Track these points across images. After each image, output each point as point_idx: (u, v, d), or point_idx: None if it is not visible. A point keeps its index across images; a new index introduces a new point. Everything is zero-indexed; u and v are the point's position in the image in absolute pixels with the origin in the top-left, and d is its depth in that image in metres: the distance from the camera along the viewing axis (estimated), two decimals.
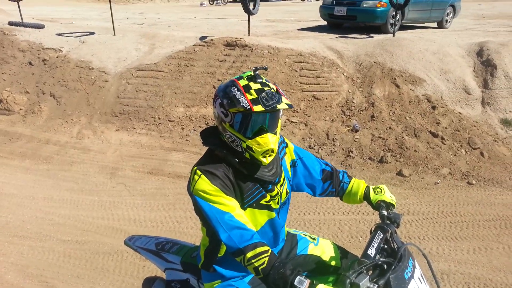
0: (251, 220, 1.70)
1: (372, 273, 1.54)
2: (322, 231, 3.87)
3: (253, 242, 1.53)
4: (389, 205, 1.90)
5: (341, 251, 2.02)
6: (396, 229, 1.76)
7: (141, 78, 7.15)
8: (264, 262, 1.51)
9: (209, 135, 1.73)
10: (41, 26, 9.20)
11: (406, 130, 5.53)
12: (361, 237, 3.81)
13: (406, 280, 1.53)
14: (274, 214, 1.77)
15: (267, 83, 1.60)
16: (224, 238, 1.56)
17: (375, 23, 9.15)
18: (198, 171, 1.62)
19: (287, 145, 1.90)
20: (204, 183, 1.59)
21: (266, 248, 1.53)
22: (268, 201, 1.74)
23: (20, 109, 7.09)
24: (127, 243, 2.44)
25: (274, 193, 1.74)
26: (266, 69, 1.68)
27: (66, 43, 8.33)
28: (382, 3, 8.77)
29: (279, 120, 1.66)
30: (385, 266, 1.55)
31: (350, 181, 2.00)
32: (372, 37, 8.36)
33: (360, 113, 5.97)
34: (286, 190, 1.81)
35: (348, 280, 1.40)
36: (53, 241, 4.05)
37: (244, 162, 1.65)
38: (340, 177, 2.00)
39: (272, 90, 1.57)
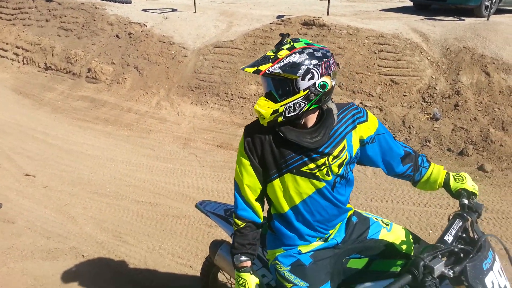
0: (294, 186, 1.72)
1: (448, 259, 1.47)
2: (389, 220, 3.71)
3: (237, 213, 1.81)
4: (471, 194, 1.77)
5: (414, 237, 1.94)
6: (477, 219, 1.64)
7: (218, 54, 7.30)
8: (234, 229, 1.83)
9: None
10: (128, 2, 9.74)
11: (493, 122, 5.07)
12: (431, 230, 3.60)
13: (484, 271, 1.44)
14: (323, 184, 1.71)
15: (282, 50, 1.59)
16: (235, 194, 1.83)
17: (467, 5, 8.37)
18: (244, 131, 1.79)
19: (366, 119, 1.77)
20: (241, 143, 1.77)
21: (240, 223, 1.80)
22: (313, 170, 1.68)
23: (106, 79, 7.62)
24: (198, 206, 2.56)
25: (320, 162, 1.67)
26: (287, 35, 1.66)
27: (151, 18, 8.74)
28: None
29: (299, 92, 1.58)
30: (462, 255, 1.47)
31: (429, 166, 1.88)
32: (463, 20, 7.68)
33: (443, 101, 5.58)
34: (341, 164, 1.71)
35: (422, 262, 1.36)
36: (128, 201, 4.35)
37: (285, 125, 1.67)
38: (420, 161, 1.89)
39: (272, 56, 1.58)
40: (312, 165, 1.67)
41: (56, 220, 4.05)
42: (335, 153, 1.69)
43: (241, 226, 1.80)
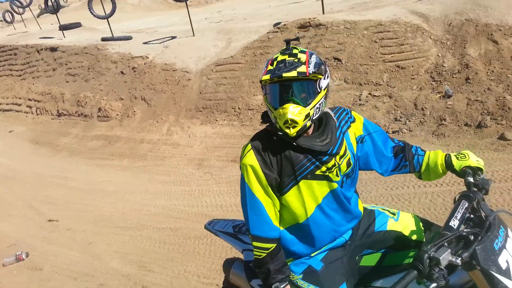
0: (309, 192, 1.66)
1: (456, 245, 1.36)
2: (413, 205, 3.56)
3: (265, 236, 1.66)
4: (477, 170, 1.65)
5: (424, 223, 1.83)
6: (484, 196, 1.53)
7: (220, 72, 7.33)
8: (261, 255, 1.67)
9: (268, 115, 1.70)
10: (129, 38, 9.98)
11: (508, 89, 4.84)
12: None
13: (496, 251, 1.33)
14: (335, 185, 1.67)
15: (297, 54, 1.56)
16: (247, 217, 1.68)
17: None
18: (248, 145, 1.67)
19: (354, 120, 1.79)
20: (252, 161, 1.63)
21: (271, 245, 1.66)
22: (325, 172, 1.64)
23: (117, 115, 7.76)
24: (207, 227, 2.52)
25: (330, 164, 1.64)
26: (297, 39, 1.66)
27: (152, 49, 8.90)
28: None
29: (320, 92, 1.57)
30: (472, 237, 1.36)
31: (425, 153, 1.81)
32: None
33: (453, 77, 5.39)
34: (349, 163, 1.69)
35: (427, 255, 1.26)
36: (149, 230, 4.34)
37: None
38: (413, 151, 1.82)
39: (295, 60, 1.52)
40: (323, 168, 1.64)
41: (81, 260, 4.06)
42: (341, 152, 1.67)
43: (272, 248, 1.67)
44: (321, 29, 6.99)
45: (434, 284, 1.24)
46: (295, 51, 1.57)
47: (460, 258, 1.28)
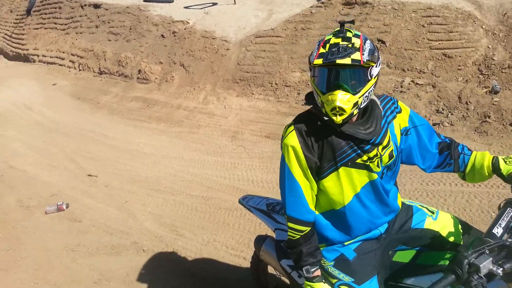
0: (348, 180, 1.66)
1: (497, 254, 1.34)
2: (447, 204, 3.55)
3: (300, 218, 1.70)
4: None
5: (463, 226, 1.82)
6: None
7: (259, 44, 7.28)
8: (295, 237, 1.71)
9: (313, 96, 1.69)
10: (170, 1, 9.95)
11: None
12: (494, 212, 3.39)
13: None
14: (375, 176, 1.67)
15: (351, 38, 1.51)
16: (284, 197, 1.72)
17: None
18: (291, 126, 1.69)
19: (400, 111, 1.76)
20: (292, 139, 1.65)
21: (305, 228, 1.70)
22: (366, 161, 1.64)
23: (156, 78, 7.90)
24: (241, 202, 2.60)
25: (372, 154, 1.63)
26: (353, 22, 1.61)
27: (193, 14, 8.87)
28: None
29: (370, 80, 1.54)
30: None
31: (471, 153, 1.77)
32: None
33: (502, 72, 5.17)
34: (391, 154, 1.68)
35: (466, 261, 1.26)
36: (183, 196, 4.52)
37: None
38: (460, 149, 1.78)
39: (349, 45, 1.47)
40: (365, 157, 1.63)
41: (118, 217, 4.31)
42: (384, 143, 1.66)
43: (306, 231, 1.71)
44: (367, 8, 6.78)
45: None
46: (349, 34, 1.52)
47: (502, 268, 1.26)
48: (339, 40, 1.50)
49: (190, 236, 3.83)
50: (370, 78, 1.54)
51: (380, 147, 1.64)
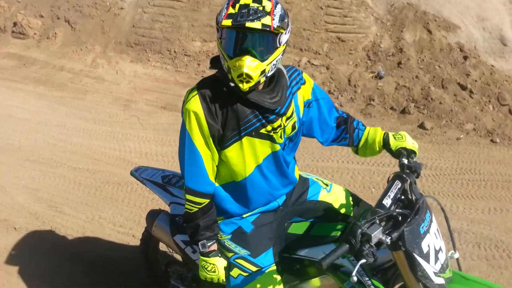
0: (251, 150, 1.61)
1: (386, 224, 1.42)
2: (334, 179, 3.77)
3: (199, 190, 1.62)
4: (411, 153, 1.74)
5: (354, 198, 1.92)
6: (416, 179, 1.61)
7: (158, 7, 6.81)
8: (192, 210, 1.64)
9: (218, 60, 1.58)
10: None
11: (433, 80, 5.21)
12: (374, 188, 3.71)
13: (421, 235, 1.41)
14: (278, 147, 1.65)
15: (264, 0, 1.42)
16: (183, 167, 1.65)
17: None
18: (194, 90, 1.58)
19: (305, 82, 1.74)
20: (195, 104, 1.56)
21: (204, 201, 1.63)
22: (270, 131, 1.60)
23: (35, 34, 6.92)
24: (133, 173, 2.40)
25: (276, 124, 1.60)
26: None
27: None
28: None
29: (279, 47, 1.49)
30: (400, 218, 1.43)
31: (365, 128, 1.85)
32: None
33: (387, 59, 5.63)
34: (294, 126, 1.67)
35: (360, 230, 1.29)
36: (64, 168, 4.08)
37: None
38: (355, 124, 1.85)
39: (260, 8, 1.39)
40: (269, 127, 1.59)
41: None
42: (288, 113, 1.63)
43: (204, 204, 1.64)
44: None
45: (363, 260, 1.27)
46: None
47: (390, 237, 1.33)
48: (249, 1, 1.41)
49: (71, 213, 3.47)
50: (278, 46, 1.49)
51: (284, 118, 1.62)
